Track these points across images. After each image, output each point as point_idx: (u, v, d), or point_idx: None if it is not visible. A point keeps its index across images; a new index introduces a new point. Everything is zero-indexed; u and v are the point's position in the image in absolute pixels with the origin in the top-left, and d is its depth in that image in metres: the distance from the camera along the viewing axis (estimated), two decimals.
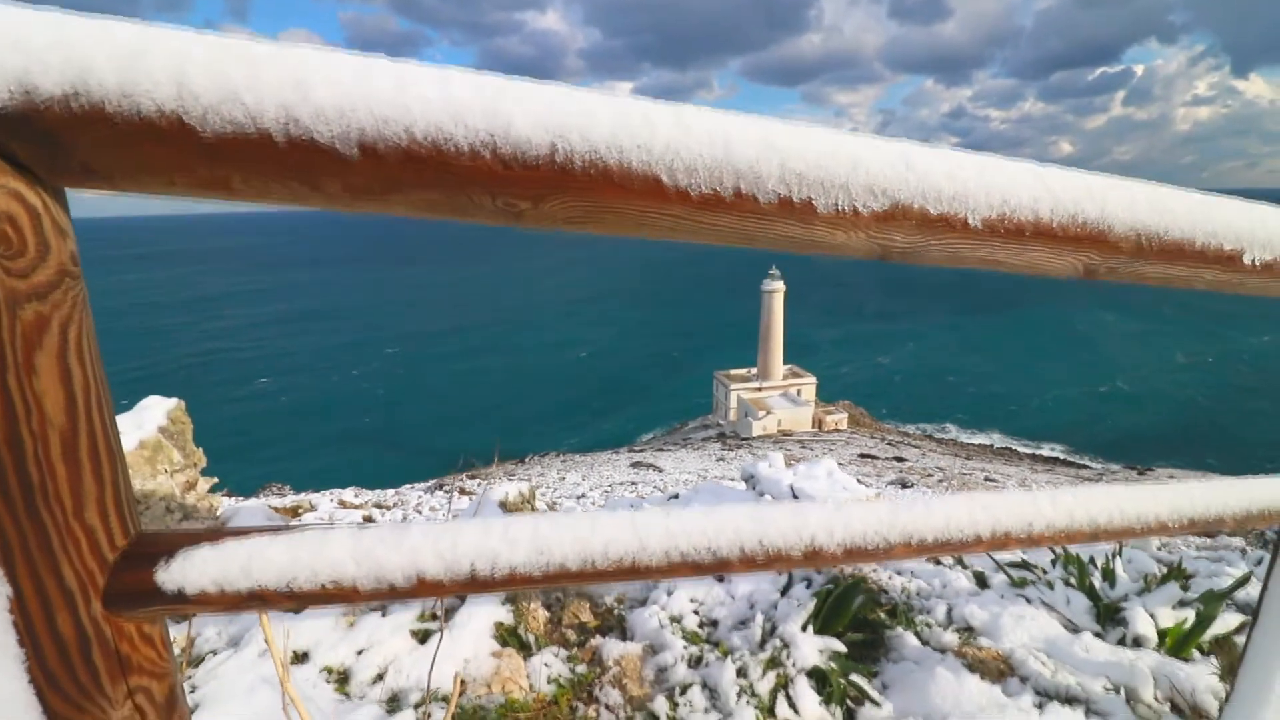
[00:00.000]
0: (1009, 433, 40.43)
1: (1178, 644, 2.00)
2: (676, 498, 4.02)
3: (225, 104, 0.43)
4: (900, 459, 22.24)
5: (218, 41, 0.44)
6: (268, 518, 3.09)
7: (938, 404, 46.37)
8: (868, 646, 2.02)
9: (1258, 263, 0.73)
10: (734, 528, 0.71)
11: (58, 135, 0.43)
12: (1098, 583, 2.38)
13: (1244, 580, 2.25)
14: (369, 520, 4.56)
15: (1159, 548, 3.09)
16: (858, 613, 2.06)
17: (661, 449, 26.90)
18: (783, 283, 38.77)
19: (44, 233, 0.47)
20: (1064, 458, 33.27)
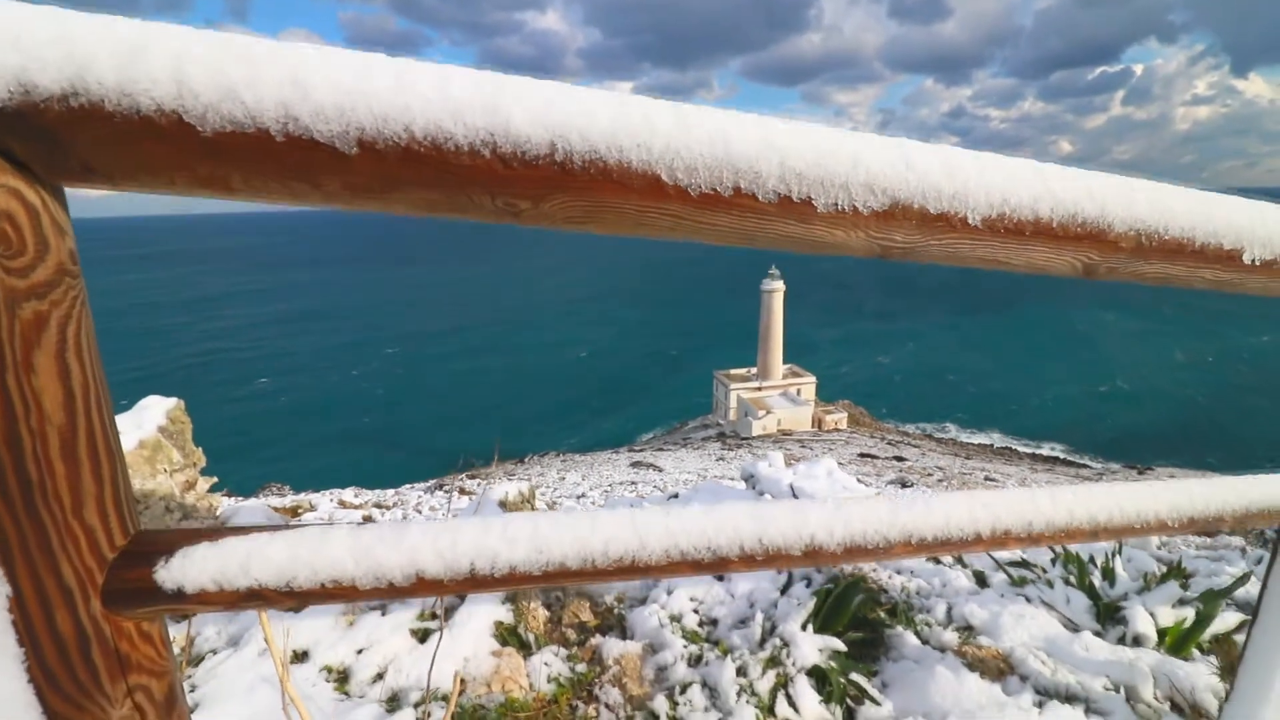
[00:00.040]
0: (1009, 432, 40.40)
1: (1177, 643, 2.00)
2: (676, 497, 4.01)
3: (225, 102, 0.43)
4: (900, 458, 22.24)
5: (217, 39, 0.44)
6: (267, 518, 3.09)
7: (937, 403, 46.33)
8: (868, 645, 2.02)
9: (1258, 261, 0.73)
10: (734, 526, 0.71)
11: (57, 133, 0.43)
12: (1097, 581, 2.38)
13: (1244, 579, 2.24)
14: (369, 520, 4.56)
15: (1159, 547, 3.09)
16: (857, 612, 2.07)
17: (661, 449, 26.90)
18: (782, 282, 38.72)
19: (43, 231, 0.47)
20: (1064, 457, 33.27)
